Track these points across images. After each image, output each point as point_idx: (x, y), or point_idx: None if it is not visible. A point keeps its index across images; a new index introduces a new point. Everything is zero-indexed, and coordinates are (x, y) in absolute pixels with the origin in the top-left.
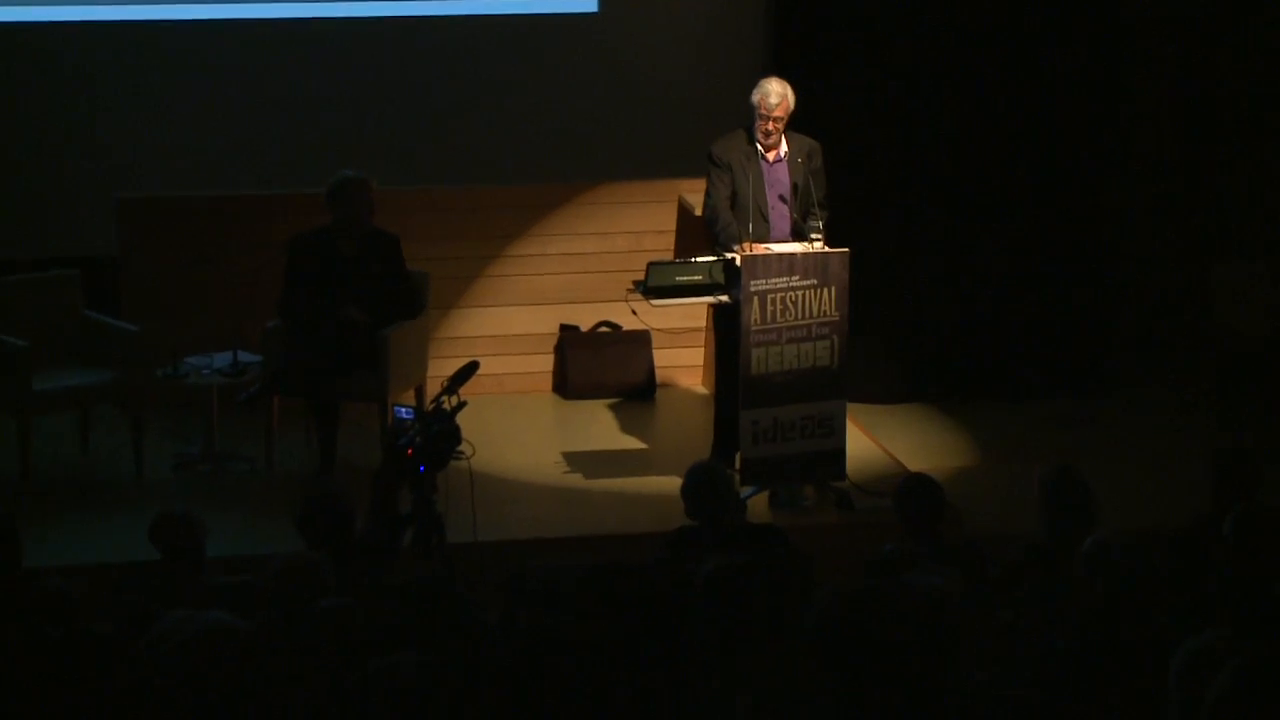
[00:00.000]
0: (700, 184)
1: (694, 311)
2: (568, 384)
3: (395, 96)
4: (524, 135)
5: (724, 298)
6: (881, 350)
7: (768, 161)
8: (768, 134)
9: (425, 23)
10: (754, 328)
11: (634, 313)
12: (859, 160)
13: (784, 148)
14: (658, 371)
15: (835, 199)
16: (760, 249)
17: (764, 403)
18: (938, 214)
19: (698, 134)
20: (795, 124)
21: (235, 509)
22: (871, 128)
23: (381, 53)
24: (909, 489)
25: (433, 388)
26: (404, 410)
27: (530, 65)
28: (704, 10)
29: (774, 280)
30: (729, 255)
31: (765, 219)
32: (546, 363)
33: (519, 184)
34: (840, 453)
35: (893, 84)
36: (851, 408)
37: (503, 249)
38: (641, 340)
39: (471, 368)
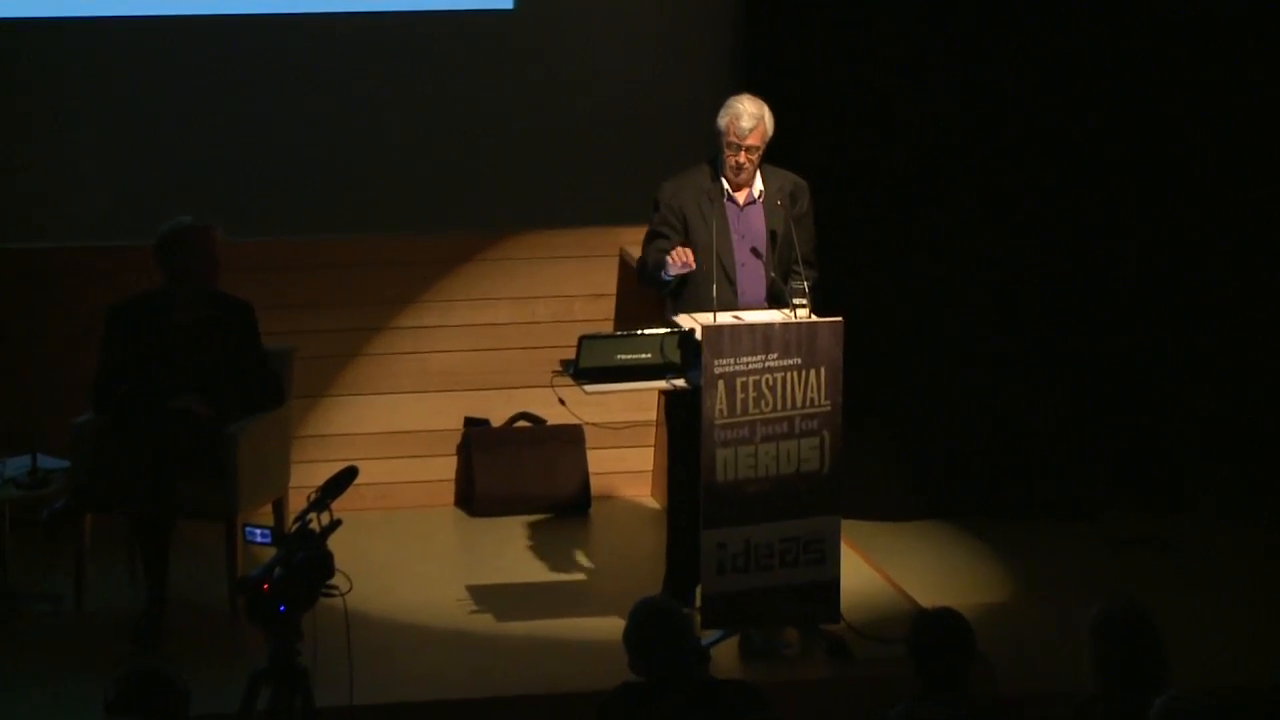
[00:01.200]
0: (644, 232)
1: (641, 400)
2: (475, 496)
3: (248, 118)
4: (417, 169)
5: (680, 382)
6: (887, 450)
7: (737, 204)
8: (738, 168)
9: (284, 23)
10: (719, 421)
11: (562, 402)
12: (855, 201)
13: (758, 186)
14: (593, 479)
15: (825, 252)
16: (726, 317)
17: (733, 520)
18: (958, 270)
19: (645, 168)
20: (774, 155)
21: (34, 663)
22: (871, 159)
23: (229, 61)
24: (925, 631)
25: (297, 502)
26: (259, 532)
27: (424, 78)
28: (655, 9)
29: (745, 359)
30: (682, 326)
31: (731, 280)
32: (448, 468)
33: (411, 233)
34: (833, 585)
35: (900, 101)
36: (848, 526)
37: (389, 319)
38: (572, 438)
39: (348, 475)
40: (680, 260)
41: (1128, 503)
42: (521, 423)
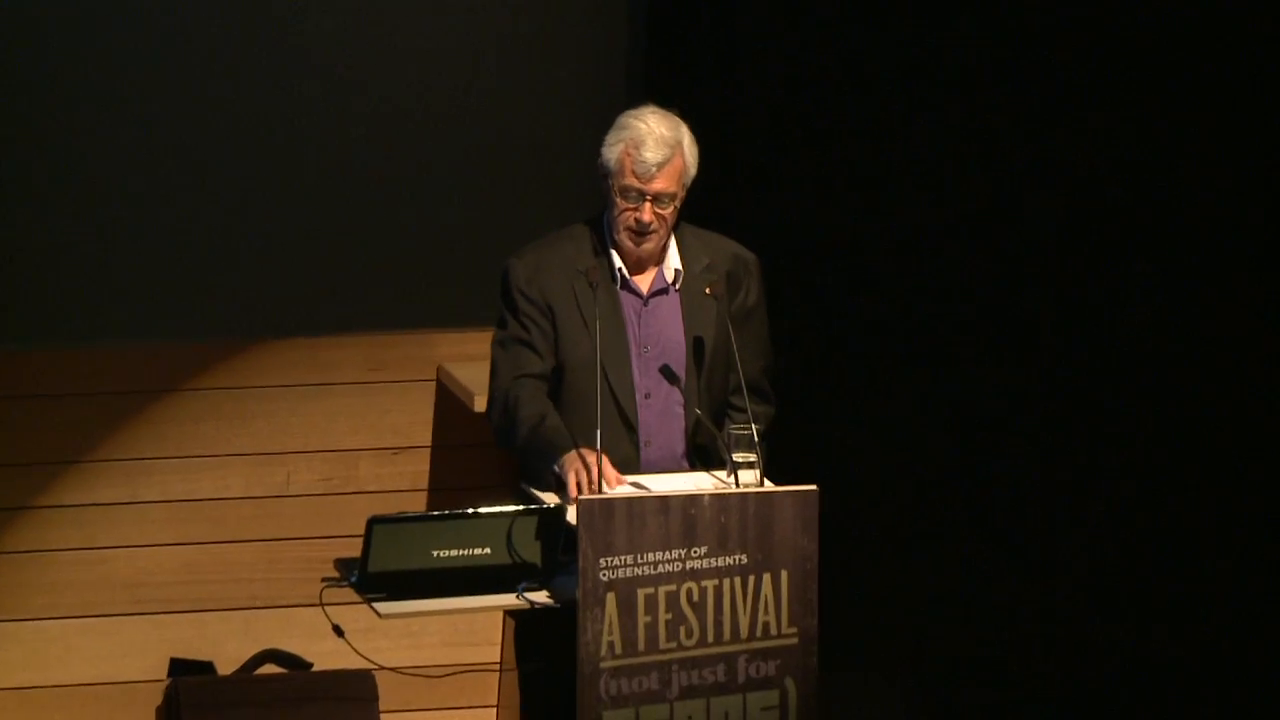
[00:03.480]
0: (482, 340)
1: (474, 629)
2: None
3: None
4: (89, 240)
5: (541, 596)
6: (892, 709)
7: (638, 294)
8: (641, 232)
9: None
10: (608, 663)
11: (339, 632)
12: (813, 280)
13: (674, 263)
14: None
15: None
16: (619, 482)
17: None
18: (983, 396)
19: (482, 237)
20: (699, 210)
21: None
22: (841, 219)
23: None
24: None
25: None
26: None
27: (109, 90)
28: None
29: (653, 557)
30: (547, 499)
31: (630, 422)
32: None
33: (73, 343)
34: None
35: (869, 139)
36: None
37: (38, 490)
38: (357, 693)
39: None
40: (613, 479)
41: None
42: (269, 667)
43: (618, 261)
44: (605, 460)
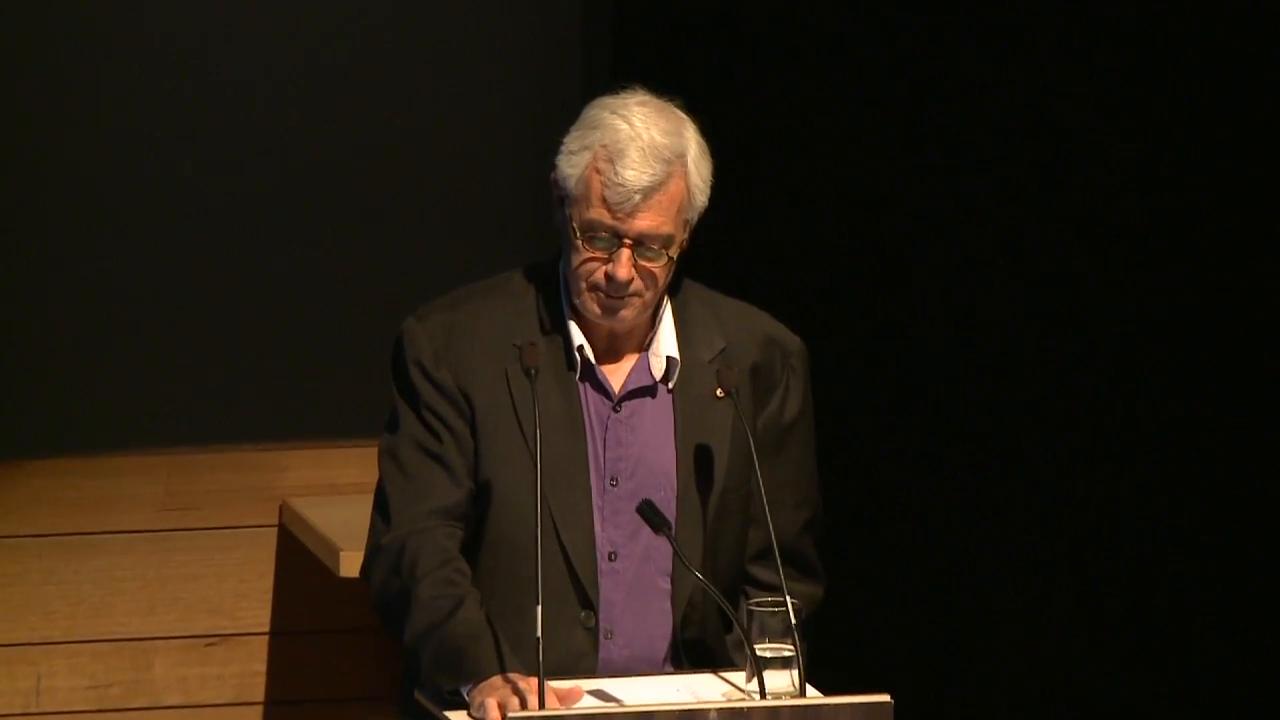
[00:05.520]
0: (353, 461)
1: None
2: None
3: None
4: None
5: None
6: None
7: (605, 391)
8: (615, 294)
9: None
10: None
11: None
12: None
13: (665, 344)
14: None
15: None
16: (574, 696)
17: None
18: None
19: (357, 300)
20: (702, 258)
21: None
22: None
23: None
24: None
25: None
26: None
27: None
28: None
29: None
30: (454, 719)
31: (588, 597)
32: None
33: None
34: None
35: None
36: None
37: None
38: None
39: None
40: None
41: None
42: None
43: (578, 338)
44: (551, 692)
